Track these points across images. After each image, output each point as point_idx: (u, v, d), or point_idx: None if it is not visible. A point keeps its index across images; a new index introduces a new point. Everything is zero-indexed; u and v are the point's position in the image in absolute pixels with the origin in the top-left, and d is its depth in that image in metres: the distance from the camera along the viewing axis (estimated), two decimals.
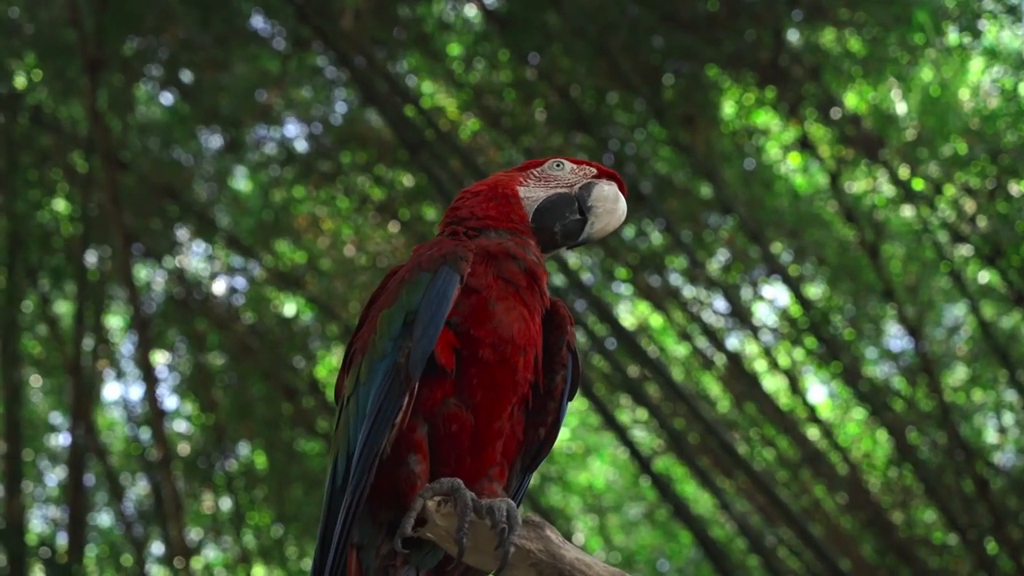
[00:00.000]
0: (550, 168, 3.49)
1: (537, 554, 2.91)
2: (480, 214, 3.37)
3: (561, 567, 2.90)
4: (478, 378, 3.13)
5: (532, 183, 3.46)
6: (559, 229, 3.39)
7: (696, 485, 15.42)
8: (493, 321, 3.15)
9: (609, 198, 3.41)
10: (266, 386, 15.37)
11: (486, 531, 2.92)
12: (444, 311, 3.10)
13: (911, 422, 14.02)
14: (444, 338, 3.11)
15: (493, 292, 3.18)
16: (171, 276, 15.59)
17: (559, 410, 3.38)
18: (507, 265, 3.23)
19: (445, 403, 3.11)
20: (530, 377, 3.23)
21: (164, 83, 14.62)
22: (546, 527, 2.97)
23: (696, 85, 13.00)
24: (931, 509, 14.46)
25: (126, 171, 14.12)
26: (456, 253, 3.19)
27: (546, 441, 3.39)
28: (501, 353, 3.14)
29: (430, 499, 2.99)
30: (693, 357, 15.02)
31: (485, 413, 3.14)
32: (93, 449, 15.06)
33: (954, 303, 14.81)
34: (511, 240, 3.30)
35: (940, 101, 12.98)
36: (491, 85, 13.94)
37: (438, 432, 3.11)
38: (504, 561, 2.90)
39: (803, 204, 14.05)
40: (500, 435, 3.19)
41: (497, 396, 3.16)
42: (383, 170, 14.55)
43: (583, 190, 3.43)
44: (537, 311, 3.26)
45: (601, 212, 3.40)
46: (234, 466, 16.09)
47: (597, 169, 3.48)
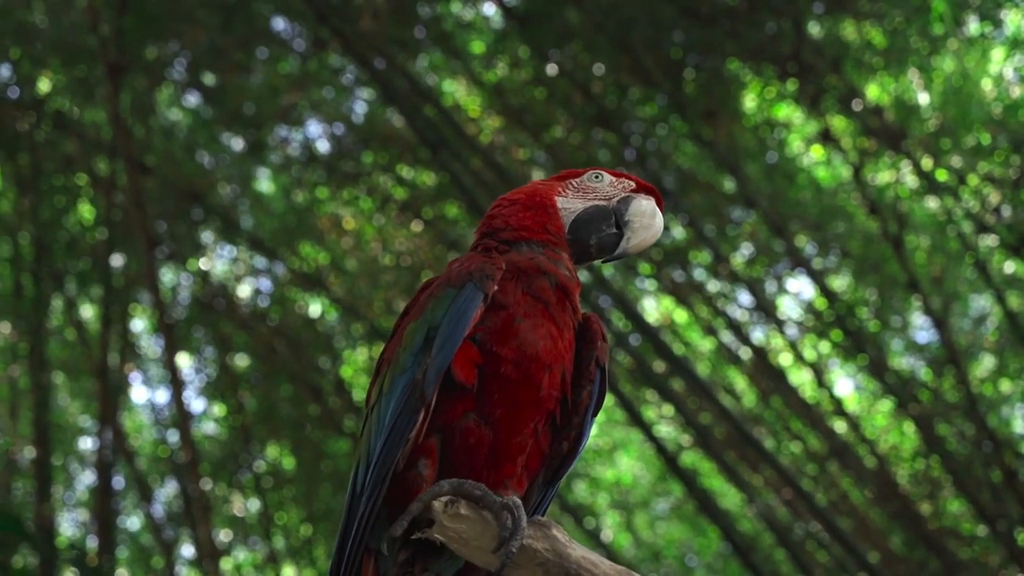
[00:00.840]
0: (589, 179, 3.47)
1: (544, 553, 2.93)
2: (515, 224, 3.38)
3: (567, 566, 2.93)
4: (499, 394, 3.13)
5: (570, 194, 3.45)
6: (595, 242, 3.39)
7: (723, 480, 15.41)
8: (518, 338, 3.14)
9: (647, 213, 3.39)
10: (292, 387, 15.41)
11: (488, 529, 2.94)
12: (463, 330, 3.11)
13: (938, 414, 13.97)
14: (466, 354, 3.11)
15: (520, 309, 3.18)
16: (196, 279, 15.64)
17: (583, 425, 3.36)
18: (537, 281, 3.22)
19: (465, 417, 3.11)
20: (556, 394, 3.21)
21: (186, 86, 14.65)
22: (552, 527, 2.99)
23: (717, 79, 12.97)
24: (960, 500, 14.40)
25: (149, 175, 14.17)
26: (483, 271, 3.18)
27: (569, 455, 3.38)
28: (524, 371, 3.13)
29: (428, 501, 3.00)
30: (718, 352, 15.00)
31: (505, 429, 3.14)
32: (121, 452, 15.12)
33: (980, 294, 14.74)
34: (543, 253, 3.30)
35: (962, 91, 12.91)
36: (512, 83, 13.94)
37: (454, 445, 3.12)
38: (504, 562, 2.93)
39: (826, 197, 14.00)
40: (521, 450, 3.18)
41: (518, 413, 3.15)
42: (405, 169, 14.58)
43: (621, 204, 3.41)
44: (567, 326, 3.25)
45: (638, 227, 3.38)
46: (262, 467, 16.14)
47: (636, 183, 3.47)
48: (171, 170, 14.49)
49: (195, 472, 13.93)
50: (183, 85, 14.65)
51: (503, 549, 2.92)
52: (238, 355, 16.11)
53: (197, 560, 15.29)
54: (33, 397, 14.45)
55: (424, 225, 14.78)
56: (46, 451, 14.19)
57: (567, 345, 3.24)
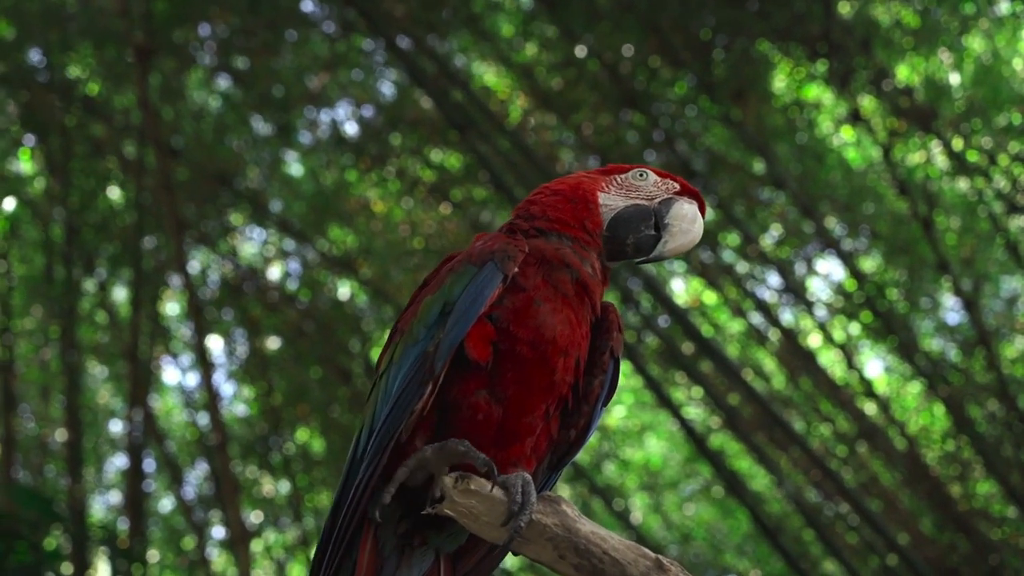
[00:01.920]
0: (633, 177, 3.44)
1: (553, 528, 2.94)
2: (552, 216, 3.33)
3: (576, 541, 2.93)
4: (512, 374, 3.12)
5: (613, 190, 3.41)
6: (631, 241, 3.35)
7: (752, 461, 15.41)
8: (536, 320, 3.14)
9: (687, 217, 3.36)
10: (322, 369, 15.46)
11: (498, 504, 2.94)
12: (479, 308, 3.10)
13: (968, 395, 13.93)
14: (481, 332, 3.11)
15: (540, 293, 3.17)
16: (225, 262, 15.69)
17: (592, 413, 3.37)
18: (559, 273, 3.20)
19: (476, 394, 3.11)
20: (570, 379, 3.22)
21: (215, 70, 14.68)
22: (562, 502, 3.00)
23: (746, 60, 12.92)
24: (990, 481, 14.36)
25: (178, 158, 14.22)
26: (506, 251, 3.18)
27: (575, 442, 3.39)
28: (540, 352, 3.13)
29: (414, 467, 3.03)
30: (747, 333, 14.98)
31: (515, 409, 3.13)
32: (152, 435, 15.20)
33: (1011, 275, 14.68)
34: (571, 248, 3.27)
35: (993, 71, 12.85)
36: (540, 64, 13.92)
37: (462, 420, 3.11)
38: (512, 536, 2.93)
39: (856, 178, 13.95)
40: (530, 432, 3.18)
41: (530, 394, 3.14)
42: (434, 151, 14.59)
43: (662, 205, 3.37)
44: (585, 319, 3.25)
45: (676, 231, 3.34)
46: (291, 449, 16.20)
47: (680, 185, 3.43)
48: (200, 153, 14.53)
49: (225, 454, 13.99)
50: (212, 68, 14.68)
51: (512, 523, 2.92)
52: (268, 338, 16.17)
53: (228, 541, 15.35)
54: (64, 380, 14.53)
55: (452, 207, 14.79)
56: (77, 434, 14.27)
57: (584, 335, 3.24)
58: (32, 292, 15.83)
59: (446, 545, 3.28)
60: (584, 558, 2.92)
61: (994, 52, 12.99)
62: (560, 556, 2.94)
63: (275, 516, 17.09)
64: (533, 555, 2.99)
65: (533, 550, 2.98)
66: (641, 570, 2.91)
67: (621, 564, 2.92)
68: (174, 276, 15.32)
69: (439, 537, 3.23)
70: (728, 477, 12.04)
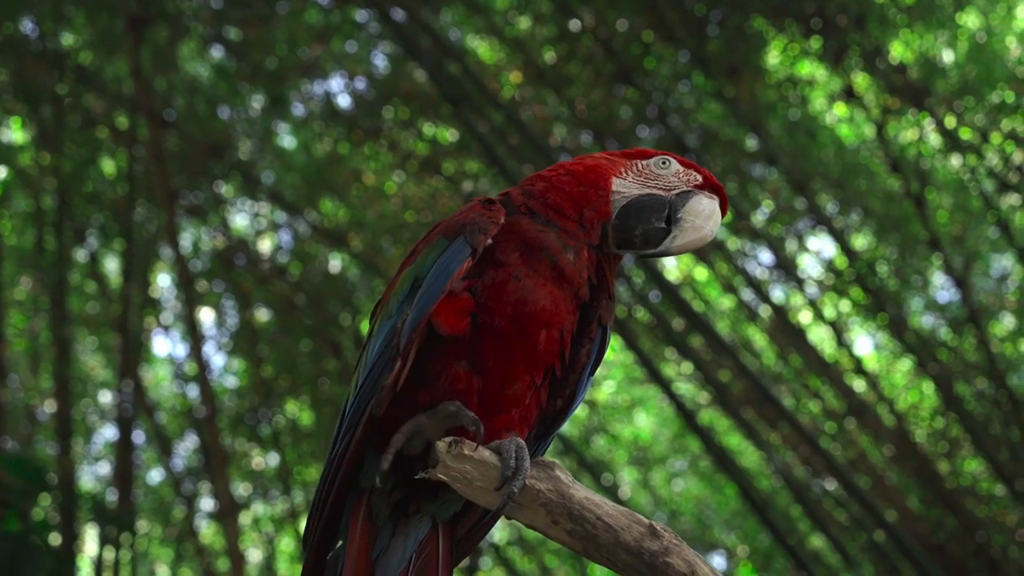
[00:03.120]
0: (655, 164, 3.30)
1: (547, 494, 2.95)
2: (550, 199, 3.24)
3: (570, 506, 2.95)
4: (492, 346, 3.10)
5: (631, 176, 3.28)
6: (640, 232, 3.22)
7: (741, 437, 15.46)
8: (515, 294, 3.10)
9: (702, 213, 3.23)
10: (312, 342, 15.45)
11: (491, 469, 2.96)
12: (443, 283, 3.07)
13: (958, 373, 13.98)
14: (454, 305, 3.09)
15: (520, 268, 3.13)
16: (217, 233, 15.67)
17: (579, 382, 3.35)
18: (537, 255, 3.15)
19: (456, 365, 3.10)
20: (555, 349, 3.18)
21: (208, 40, 14.62)
22: (556, 467, 3.01)
23: (740, 36, 12.91)
24: (978, 459, 14.42)
25: (170, 129, 14.19)
26: (476, 224, 3.14)
27: (562, 412, 3.38)
28: (520, 326, 3.10)
29: (409, 433, 3.05)
30: (738, 309, 15.00)
31: (497, 380, 3.12)
32: (142, 406, 15.19)
33: (1001, 253, 14.71)
34: (557, 233, 3.18)
35: (987, 48, 12.86)
36: (534, 39, 13.90)
37: (443, 391, 3.10)
38: (506, 501, 2.95)
39: (848, 155, 13.96)
40: (516, 402, 3.17)
41: (511, 366, 3.13)
42: (426, 125, 14.57)
43: (679, 197, 3.25)
44: (569, 295, 3.18)
45: (688, 227, 3.22)
46: (281, 422, 16.20)
47: (703, 178, 3.31)
48: (192, 125, 14.50)
49: (214, 426, 14.00)
50: (205, 39, 14.62)
51: (505, 488, 2.93)
52: (258, 310, 16.17)
53: (216, 514, 15.36)
54: (54, 351, 14.50)
55: (444, 181, 14.78)
56: (67, 405, 14.23)
57: (570, 310, 3.20)
58: (22, 262, 15.79)
59: (441, 512, 3.29)
60: (578, 524, 2.94)
61: (988, 29, 13.00)
62: (553, 521, 2.97)
63: (264, 489, 17.10)
64: (526, 520, 3.01)
65: (526, 515, 3.00)
66: (634, 536, 2.94)
67: (615, 530, 2.94)
68: (165, 248, 15.29)
69: (434, 505, 3.24)
70: (717, 453, 12.06)
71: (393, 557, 3.24)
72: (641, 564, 2.91)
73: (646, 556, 2.90)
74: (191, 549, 16.60)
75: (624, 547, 2.93)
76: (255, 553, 17.45)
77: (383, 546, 3.24)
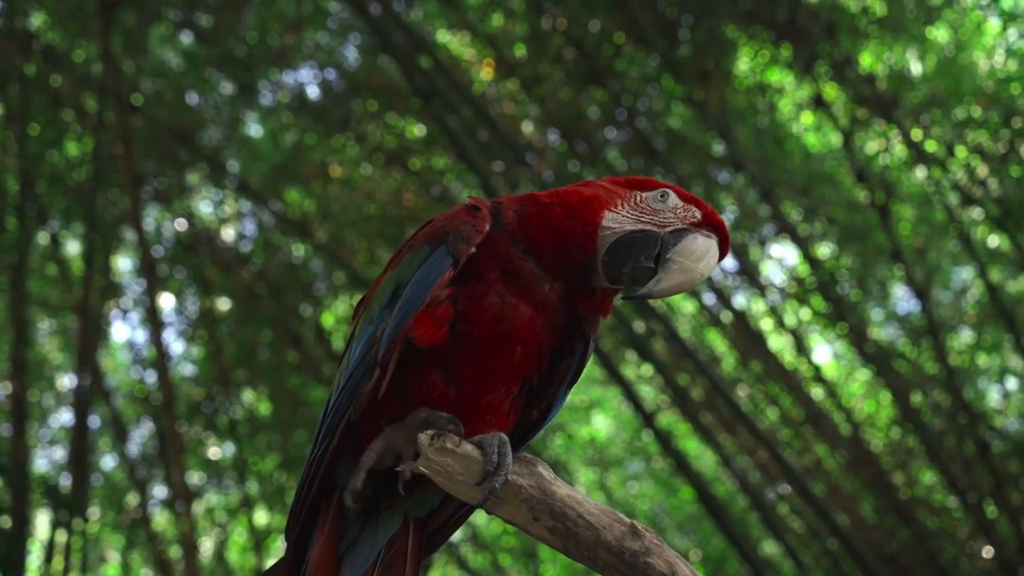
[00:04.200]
0: (653, 199, 3.11)
1: (528, 490, 2.93)
2: (533, 234, 3.11)
3: (552, 503, 2.92)
4: (469, 356, 3.07)
5: (626, 210, 3.09)
6: (627, 270, 3.03)
7: (698, 442, 15.50)
8: (495, 309, 3.05)
9: (694, 254, 3.04)
10: (272, 332, 15.40)
11: (473, 463, 2.93)
12: (421, 295, 3.03)
13: (915, 385, 14.06)
14: (433, 315, 3.04)
15: (501, 287, 3.07)
16: (180, 220, 15.59)
17: (556, 395, 3.30)
18: (513, 279, 3.08)
19: (434, 373, 3.08)
20: (532, 363, 3.14)
21: (178, 25, 14.55)
22: (538, 463, 2.98)
23: (712, 41, 12.94)
24: (932, 471, 14.51)
25: (138, 114, 14.11)
26: (460, 233, 3.06)
27: (536, 423, 3.34)
28: (497, 338, 3.06)
29: (379, 450, 3.05)
30: (700, 314, 15.03)
31: (473, 390, 3.09)
32: (98, 391, 15.10)
33: (962, 266, 14.82)
34: (535, 265, 3.08)
35: (955, 63, 12.94)
36: (506, 36, 13.90)
37: (418, 399, 3.08)
38: (487, 496, 2.92)
39: (815, 163, 14.02)
40: (492, 411, 3.14)
41: (487, 376, 3.10)
42: (395, 118, 14.55)
43: (673, 235, 3.06)
44: (546, 319, 3.11)
45: (675, 269, 3.03)
46: (238, 412, 16.14)
47: (702, 215, 3.11)
48: (160, 110, 14.43)
49: (171, 413, 13.93)
50: (176, 24, 14.54)
51: (487, 483, 2.90)
52: (220, 298, 16.10)
53: (170, 501, 15.27)
54: (12, 333, 14.38)
55: (411, 176, 14.75)
56: (23, 387, 14.12)
57: (548, 328, 3.13)
58: None
59: (414, 509, 3.27)
60: (559, 521, 2.92)
61: (957, 44, 13.08)
62: (535, 518, 2.94)
63: (219, 478, 17.03)
64: (507, 516, 2.98)
65: (507, 511, 2.97)
66: (615, 535, 2.91)
67: (596, 528, 2.91)
68: (128, 232, 15.20)
69: (407, 502, 3.22)
70: (675, 456, 12.07)
71: (361, 552, 3.23)
72: (621, 563, 2.89)
73: (627, 555, 2.88)
74: (143, 536, 16.49)
75: (605, 546, 2.91)
76: (207, 542, 17.37)
77: (352, 541, 3.24)
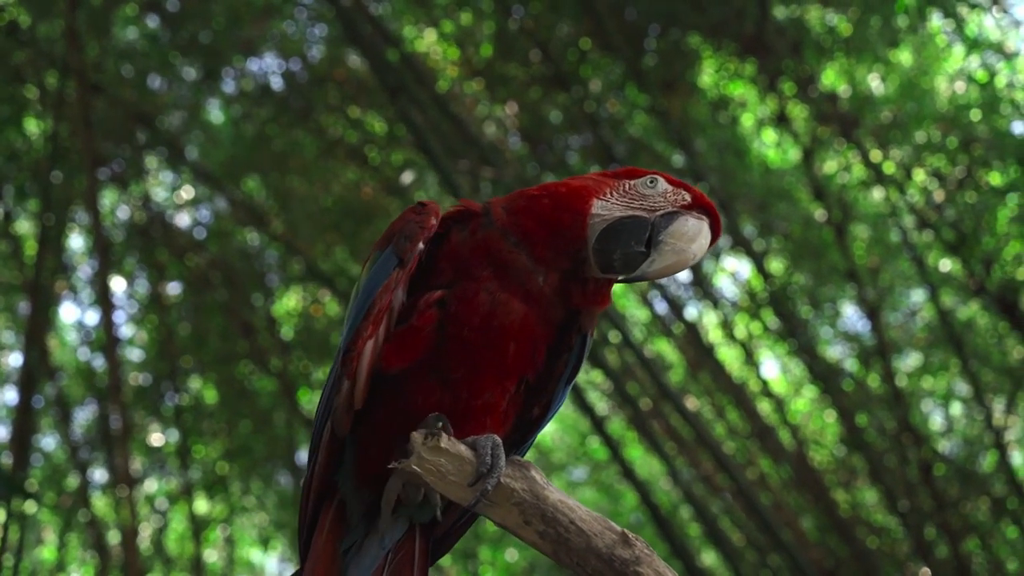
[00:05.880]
0: (642, 185, 3.12)
1: (521, 493, 2.93)
2: (523, 227, 3.11)
3: (544, 508, 2.92)
4: (459, 357, 3.07)
5: (614, 198, 3.10)
6: (619, 257, 3.03)
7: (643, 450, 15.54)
8: (485, 307, 3.06)
9: (685, 235, 3.04)
10: (223, 321, 15.32)
11: (466, 464, 2.93)
12: (368, 300, 3.06)
13: (861, 404, 14.15)
14: (405, 341, 3.09)
15: (493, 284, 3.07)
16: (136, 203, 15.49)
17: (555, 391, 3.30)
18: (506, 274, 3.08)
19: (426, 376, 3.09)
20: (526, 361, 3.15)
21: (146, 7, 14.46)
22: (531, 468, 2.98)
23: (677, 52, 12.99)
24: (874, 491, 14.61)
25: (99, 94, 14.01)
26: (404, 232, 3.11)
27: (538, 420, 3.34)
28: (488, 337, 3.06)
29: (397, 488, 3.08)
30: (652, 323, 15.07)
31: (465, 391, 3.09)
32: (44, 371, 14.98)
33: (914, 288, 14.93)
34: (528, 256, 3.08)
35: (918, 86, 13.05)
36: (473, 36, 13.90)
37: (412, 404, 3.08)
38: (479, 497, 2.92)
39: (774, 178, 14.08)
40: (487, 412, 3.14)
41: (480, 376, 3.10)
42: (357, 112, 14.52)
43: (664, 219, 3.06)
44: (539, 315, 3.11)
45: (667, 251, 3.03)
46: (185, 399, 16.04)
47: (692, 197, 3.10)
48: (122, 91, 14.33)
49: (118, 397, 13.86)
50: (142, 5, 14.46)
51: (479, 484, 2.90)
52: (171, 283, 16.01)
53: (111, 485, 15.17)
54: None
55: (371, 170, 14.73)
56: None
57: (541, 324, 3.13)
58: None
59: (419, 515, 3.27)
60: (550, 526, 2.92)
61: (920, 68, 13.19)
62: (526, 522, 2.94)
63: (161, 464, 16.92)
64: (498, 519, 2.98)
65: (499, 513, 2.97)
66: (607, 543, 2.91)
67: (587, 535, 2.92)
68: (81, 212, 15.10)
69: (411, 507, 3.22)
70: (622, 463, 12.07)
71: (367, 556, 3.23)
72: (611, 571, 2.89)
73: (617, 564, 2.88)
74: (81, 519, 16.37)
75: (595, 553, 2.91)
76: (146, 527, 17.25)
77: (355, 544, 3.25)
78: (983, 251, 12.70)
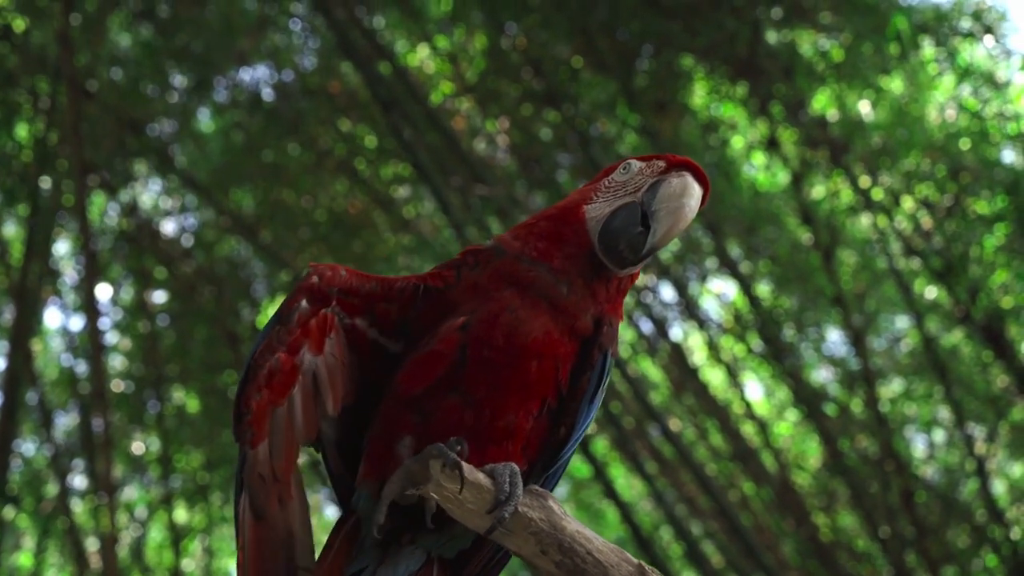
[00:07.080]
0: (618, 174, 3.19)
1: (538, 523, 2.91)
2: (536, 247, 3.16)
3: (561, 538, 2.91)
4: (481, 377, 3.07)
5: (599, 197, 3.17)
6: (624, 246, 3.09)
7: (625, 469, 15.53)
8: (507, 327, 3.07)
9: (674, 195, 3.07)
10: (208, 330, 15.28)
11: (484, 492, 2.92)
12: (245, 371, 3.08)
13: (844, 429, 14.16)
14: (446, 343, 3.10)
15: (516, 302, 3.09)
16: (124, 210, 15.47)
17: (579, 410, 3.26)
18: (529, 291, 3.11)
19: (448, 396, 3.08)
20: (549, 381, 3.14)
21: (139, 15, 14.45)
22: (549, 498, 2.97)
23: (669, 72, 13.00)
24: (855, 516, 14.61)
25: (90, 100, 13.99)
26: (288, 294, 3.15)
27: (565, 440, 3.29)
28: (510, 356, 3.07)
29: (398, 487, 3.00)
30: (637, 343, 15.06)
31: (489, 412, 3.09)
32: (28, 376, 14.92)
33: (899, 315, 14.95)
34: (548, 270, 3.12)
35: (908, 113, 13.07)
36: (466, 51, 13.92)
37: (435, 423, 3.08)
38: (495, 525, 2.90)
39: (762, 202, 14.08)
40: (509, 434, 3.13)
41: (503, 397, 3.09)
42: (347, 124, 14.52)
43: (647, 194, 3.10)
44: (564, 327, 3.12)
45: (663, 215, 3.06)
46: (168, 407, 15.99)
47: (667, 162, 3.15)
48: (113, 98, 14.32)
49: (99, 404, 13.81)
50: (136, 13, 14.45)
51: (496, 512, 2.89)
52: (157, 291, 15.97)
53: (91, 492, 15.12)
54: None
55: (360, 182, 14.72)
56: None
57: (565, 339, 3.13)
58: None
59: (443, 549, 3.27)
60: (567, 556, 2.91)
61: (912, 95, 13.21)
62: (542, 551, 2.92)
63: (141, 473, 16.86)
64: (514, 547, 2.98)
65: (515, 542, 2.96)
66: (623, 574, 2.91)
67: (604, 566, 2.91)
68: (69, 218, 15.07)
69: (430, 538, 3.21)
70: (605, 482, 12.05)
71: None
72: None
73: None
74: (60, 526, 16.31)
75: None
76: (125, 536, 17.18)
77: (367, 569, 3.22)
78: (969, 279, 12.70)
